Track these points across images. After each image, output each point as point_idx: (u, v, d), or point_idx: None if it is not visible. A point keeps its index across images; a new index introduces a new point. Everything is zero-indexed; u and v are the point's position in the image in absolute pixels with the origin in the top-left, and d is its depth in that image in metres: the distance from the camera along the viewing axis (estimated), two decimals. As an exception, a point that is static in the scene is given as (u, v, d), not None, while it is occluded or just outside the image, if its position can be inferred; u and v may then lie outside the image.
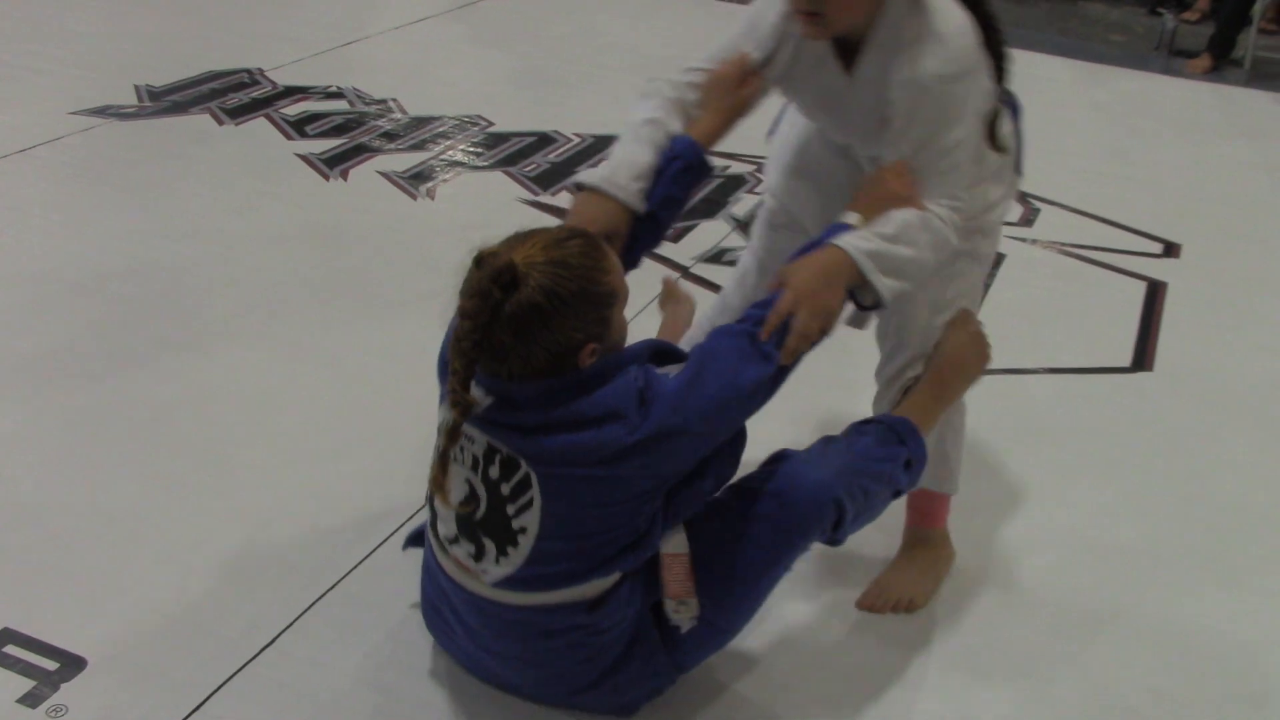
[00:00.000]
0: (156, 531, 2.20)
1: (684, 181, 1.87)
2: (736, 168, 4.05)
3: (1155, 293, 3.34)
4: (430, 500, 1.81)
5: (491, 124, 4.33)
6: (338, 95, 4.51)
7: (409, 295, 3.09)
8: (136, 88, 4.44)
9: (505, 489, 1.67)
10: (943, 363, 1.96)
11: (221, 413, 2.56)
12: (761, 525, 1.76)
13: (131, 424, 2.50)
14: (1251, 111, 5.11)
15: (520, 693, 1.85)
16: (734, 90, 1.89)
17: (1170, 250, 3.62)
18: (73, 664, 1.88)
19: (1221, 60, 5.70)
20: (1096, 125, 4.83)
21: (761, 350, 1.68)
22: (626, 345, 1.74)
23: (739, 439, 1.78)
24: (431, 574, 1.86)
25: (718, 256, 3.42)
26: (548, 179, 3.88)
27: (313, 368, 2.74)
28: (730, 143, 1.83)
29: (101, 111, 4.18)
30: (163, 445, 2.44)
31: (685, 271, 3.30)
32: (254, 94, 4.47)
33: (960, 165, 1.79)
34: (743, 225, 3.60)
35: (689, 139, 1.87)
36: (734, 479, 1.80)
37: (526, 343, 1.62)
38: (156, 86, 4.47)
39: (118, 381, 2.64)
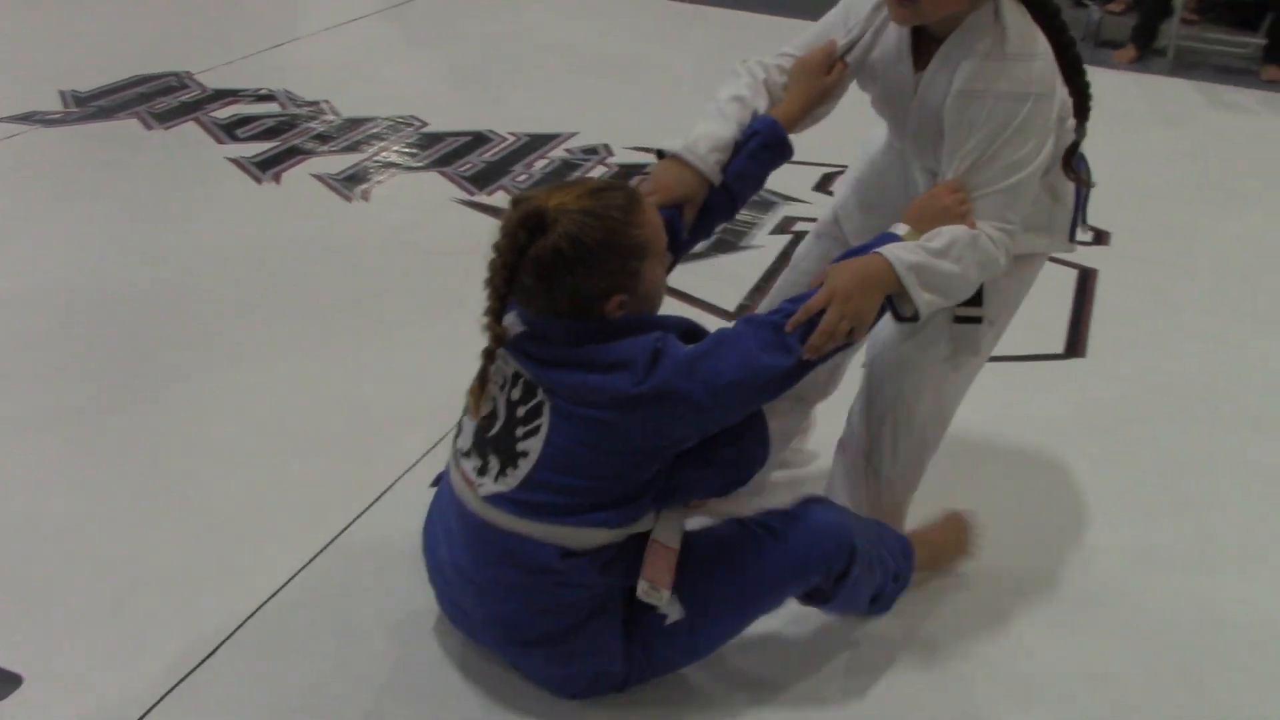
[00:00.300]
0: (93, 544, 2.16)
1: (762, 159, 1.94)
2: (672, 164, 4.05)
3: (1086, 280, 3.39)
4: (464, 414, 1.87)
5: (426, 124, 4.30)
6: (269, 98, 4.46)
7: (345, 298, 3.07)
8: (61, 93, 4.37)
9: (520, 412, 1.75)
10: (927, 546, 2.11)
11: (156, 423, 2.53)
12: (774, 546, 1.82)
13: (66, 436, 2.46)
14: (1175, 100, 5.20)
15: (474, 636, 1.89)
16: (818, 75, 1.96)
17: (1100, 238, 3.68)
18: (8, 681, 1.84)
19: (1145, 50, 5.79)
20: (1026, 116, 4.88)
21: (784, 341, 1.72)
22: (662, 313, 1.79)
23: (757, 446, 1.80)
24: (442, 490, 1.92)
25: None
26: (483, 178, 3.86)
27: (247, 374, 2.71)
28: (669, 138, 1.83)
29: (26, 118, 4.11)
30: (98, 456, 2.41)
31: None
32: (183, 98, 4.41)
33: (1017, 189, 1.78)
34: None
35: (770, 118, 1.94)
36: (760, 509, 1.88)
37: (549, 286, 1.68)
38: (82, 92, 4.39)
39: (48, 393, 2.60)
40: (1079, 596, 2.16)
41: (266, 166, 3.84)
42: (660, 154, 1.95)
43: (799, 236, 3.49)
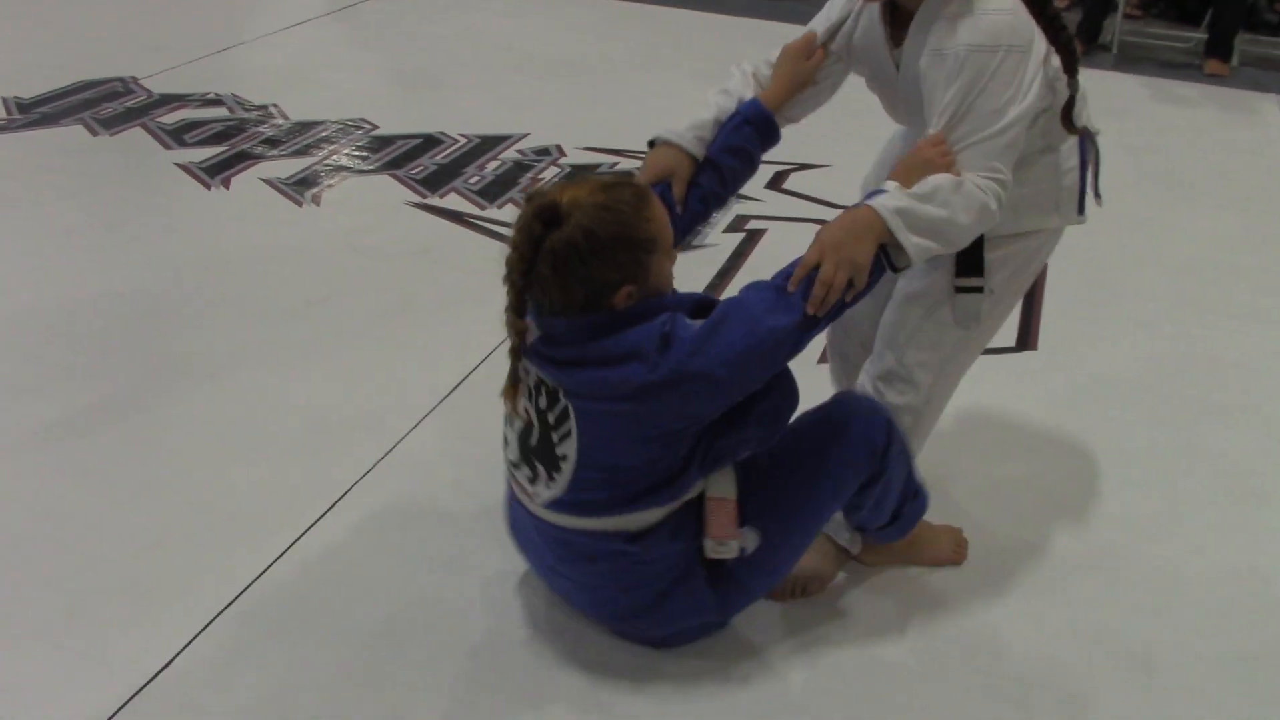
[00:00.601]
0: (46, 556, 2.13)
1: (744, 132, 2.03)
2: (625, 164, 4.06)
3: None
4: (506, 425, 1.94)
5: (376, 127, 4.28)
6: (216, 102, 4.42)
7: (297, 303, 3.04)
8: (4, 100, 4.30)
9: (550, 418, 1.82)
10: (921, 535, 2.17)
11: (106, 433, 2.50)
12: (820, 443, 1.91)
13: (12, 449, 2.43)
14: (1119, 94, 5.26)
15: (586, 612, 2.00)
16: (799, 59, 2.07)
17: (1048, 231, 3.71)
18: (-41, 698, 1.82)
19: (1090, 45, 5.86)
20: (974, 112, 4.92)
21: (787, 301, 1.75)
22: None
23: (786, 398, 1.85)
24: (510, 498, 2.01)
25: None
26: (435, 181, 3.85)
27: (199, 381, 2.69)
28: (620, 140, 1.84)
29: (-33, 125, 4.05)
30: (48, 467, 2.37)
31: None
32: (128, 103, 4.36)
33: (998, 137, 1.80)
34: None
35: (753, 99, 2.06)
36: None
37: (564, 278, 1.74)
38: (25, 98, 4.33)
39: (-4, 404, 2.56)
40: (1035, 598, 2.19)
41: (215, 171, 3.81)
42: (651, 143, 2.07)
43: (753, 235, 3.51)
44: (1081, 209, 2.04)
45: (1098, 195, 2.10)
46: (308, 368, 2.77)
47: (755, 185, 3.87)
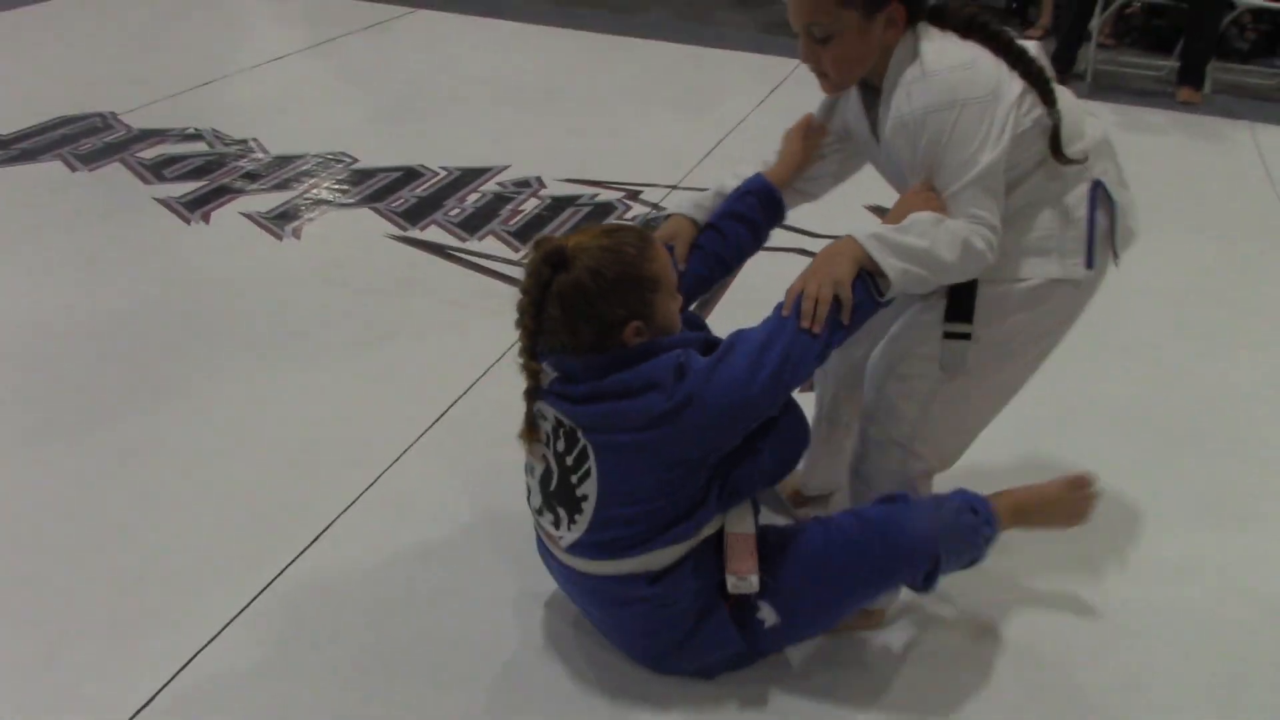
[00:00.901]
0: (21, 596, 2.11)
1: (746, 201, 2.12)
2: (605, 195, 4.07)
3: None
4: (527, 473, 2.00)
5: (356, 160, 4.29)
6: (196, 137, 4.42)
7: (279, 336, 3.04)
8: (-18, 136, 4.30)
9: (569, 460, 1.86)
10: (1039, 493, 2.10)
11: (85, 467, 2.48)
12: (860, 559, 1.90)
13: (-10, 485, 2.41)
14: (1095, 122, 5.31)
15: (621, 649, 2.02)
16: (798, 139, 2.18)
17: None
18: (-63, 739, 1.80)
19: (1065, 74, 5.92)
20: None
21: (783, 323, 1.82)
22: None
23: (796, 431, 1.89)
24: (540, 546, 2.04)
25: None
26: (416, 213, 3.85)
27: (179, 414, 2.68)
28: (599, 171, 1.86)
29: (-55, 162, 4.03)
30: (23, 502, 2.36)
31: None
32: (108, 139, 4.36)
33: (974, 185, 1.84)
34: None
35: (757, 174, 2.15)
36: (848, 508, 2.01)
37: (573, 318, 1.82)
38: (4, 134, 4.32)
39: (-26, 441, 2.55)
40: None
41: (195, 206, 3.80)
42: (667, 216, 2.17)
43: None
44: (1090, 263, 1.98)
45: (1115, 255, 2.05)
46: (290, 401, 2.76)
47: (735, 215, 3.89)
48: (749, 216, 2.12)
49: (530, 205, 3.97)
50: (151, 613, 2.08)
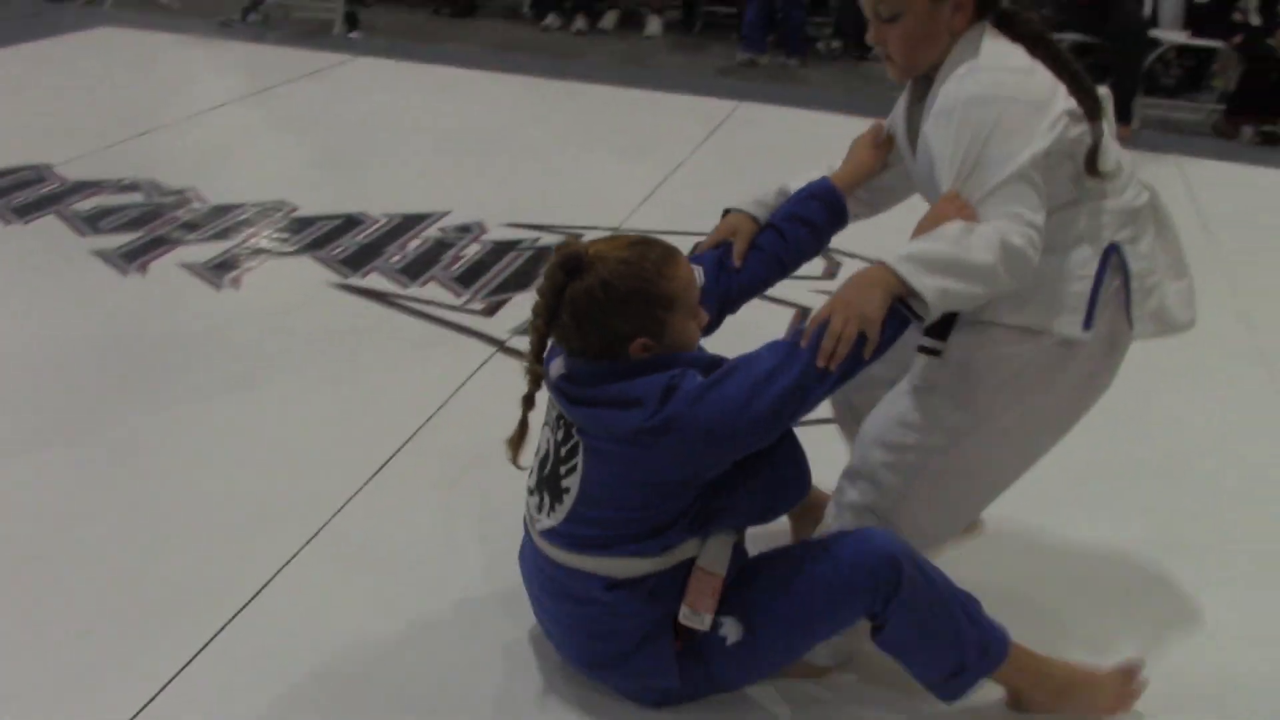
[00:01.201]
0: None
1: (810, 206, 2.09)
2: (547, 239, 4.08)
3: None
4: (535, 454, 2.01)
5: (296, 208, 4.27)
6: (132, 188, 4.38)
7: (218, 386, 3.00)
8: (-88, 191, 4.23)
9: (563, 450, 1.89)
10: (1072, 680, 1.98)
11: (20, 525, 2.43)
12: (820, 561, 1.87)
13: (-77, 546, 2.36)
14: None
15: (560, 653, 2.04)
16: (866, 147, 2.16)
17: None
18: None
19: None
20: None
21: (796, 355, 1.76)
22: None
23: (793, 472, 1.88)
24: (524, 523, 2.06)
25: (534, 328, 3.42)
26: (357, 260, 3.84)
27: (120, 465, 2.63)
28: (540, 214, 1.87)
29: (-126, 217, 3.97)
30: (-41, 566, 2.31)
31: (502, 345, 3.30)
32: (42, 191, 4.31)
33: (1016, 182, 1.76)
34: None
35: (823, 177, 2.13)
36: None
37: (582, 326, 1.82)
38: (-66, 188, 4.26)
39: (-95, 502, 2.49)
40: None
41: (132, 258, 3.76)
42: (727, 211, 2.15)
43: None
44: (1088, 324, 1.88)
45: (1130, 320, 1.93)
46: (232, 451, 2.73)
47: (677, 257, 3.91)
48: (812, 220, 2.08)
49: (472, 250, 3.97)
50: (87, 675, 2.03)
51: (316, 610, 2.22)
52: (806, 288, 3.51)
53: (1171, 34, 6.81)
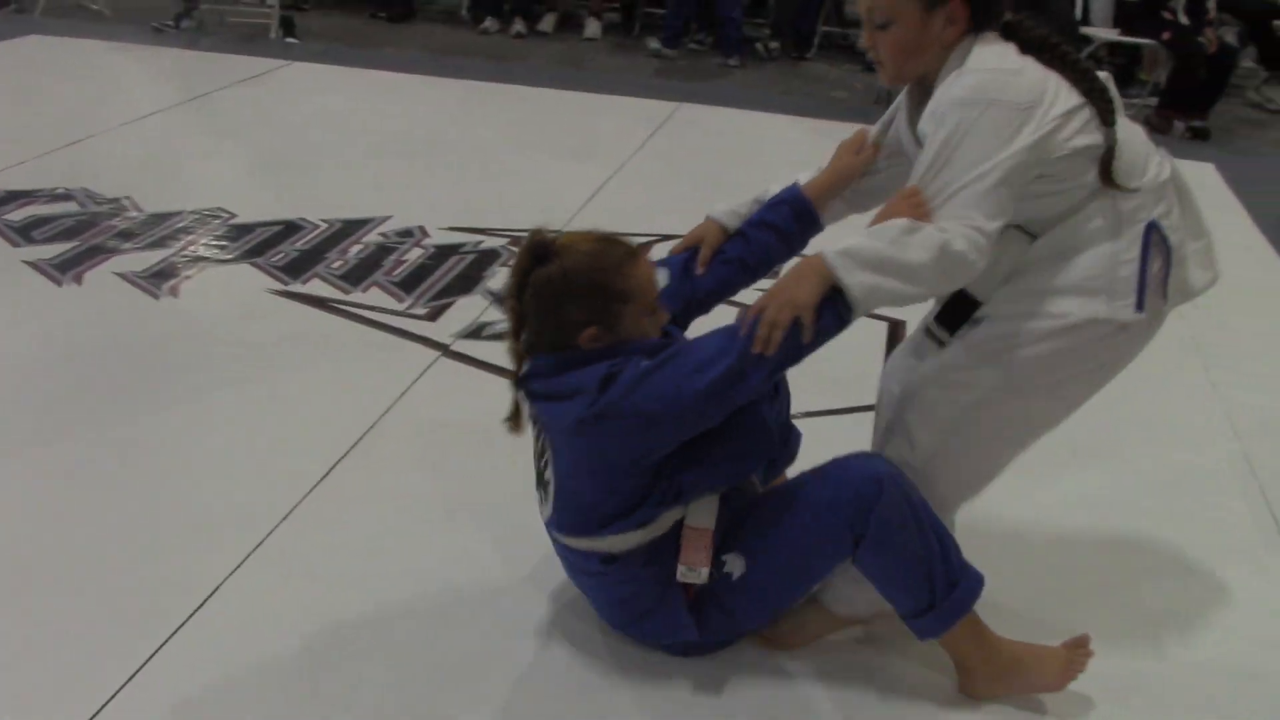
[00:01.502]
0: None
1: (780, 211, 2.14)
2: (489, 242, 4.07)
3: (895, 331, 3.52)
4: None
5: (234, 215, 4.22)
6: (66, 197, 4.31)
7: (157, 396, 2.96)
8: None
9: (541, 444, 2.04)
10: (1020, 656, 2.04)
11: (-42, 542, 2.39)
12: (808, 487, 1.99)
13: None
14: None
15: (598, 613, 2.16)
16: (849, 153, 2.18)
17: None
18: None
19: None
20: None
21: (734, 343, 1.82)
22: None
23: (753, 441, 1.95)
24: None
25: (477, 332, 3.42)
26: (297, 267, 3.80)
27: (54, 482, 2.59)
28: (483, 218, 1.88)
29: None
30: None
31: (446, 349, 3.29)
32: (-28, 202, 4.23)
33: (975, 184, 1.79)
34: (501, 299, 3.62)
35: (794, 184, 2.17)
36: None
37: (540, 310, 1.92)
38: None
39: None
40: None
41: (66, 268, 3.70)
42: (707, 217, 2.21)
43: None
44: (1140, 305, 1.91)
45: (1165, 295, 1.97)
46: (173, 462, 2.70)
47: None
48: (778, 225, 2.14)
49: (414, 255, 3.95)
50: (35, 690, 2.00)
51: (261, 620, 2.19)
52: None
53: (1102, 31, 6.93)
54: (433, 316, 3.50)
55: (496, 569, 2.36)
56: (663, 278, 2.09)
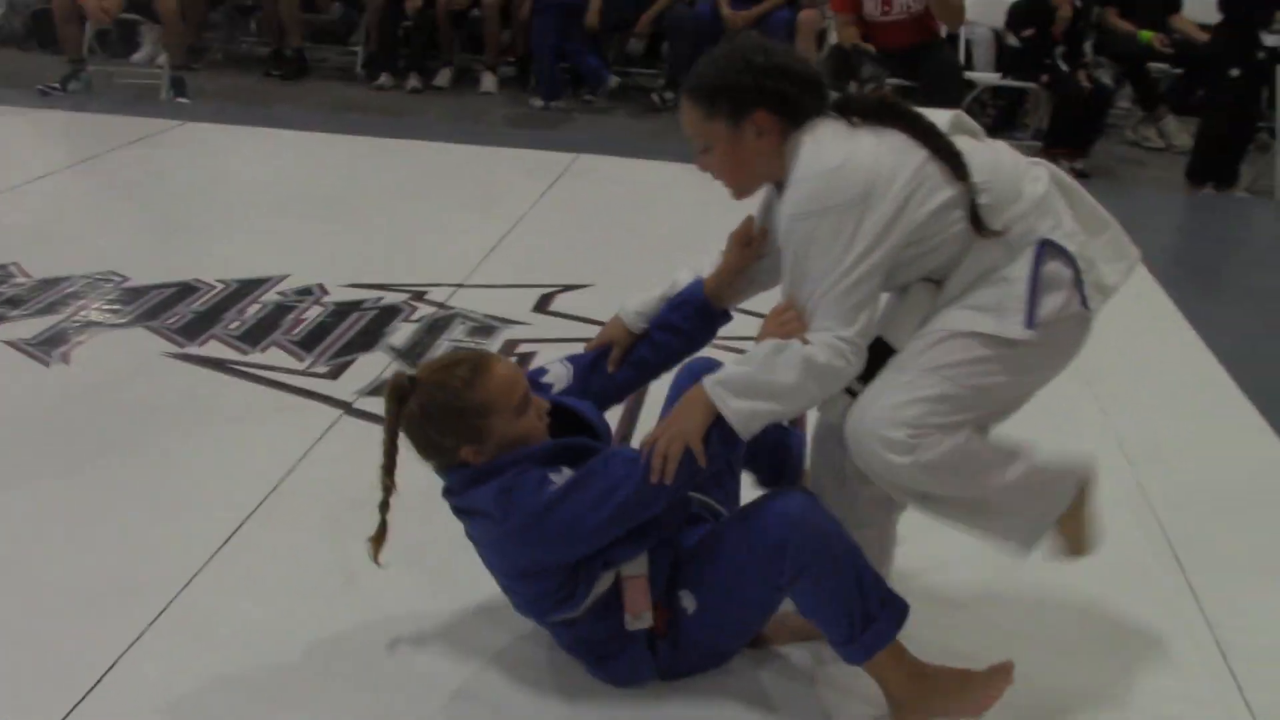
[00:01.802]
0: None
1: (682, 312, 2.22)
2: (390, 298, 4.05)
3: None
4: None
5: (127, 279, 4.14)
6: (-51, 265, 4.20)
7: (51, 465, 2.89)
8: None
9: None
10: (942, 684, 2.06)
11: None
12: (739, 528, 2.05)
13: None
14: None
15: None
16: (739, 244, 2.21)
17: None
18: None
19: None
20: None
21: (634, 471, 1.92)
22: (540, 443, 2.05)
23: (663, 515, 2.00)
24: None
25: (380, 389, 3.38)
26: (193, 329, 3.74)
27: (-54, 561, 2.51)
28: (384, 273, 1.89)
29: None
30: None
31: (348, 408, 3.25)
32: None
33: (832, 291, 1.86)
34: (403, 354, 3.60)
35: (696, 280, 2.23)
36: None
37: (416, 445, 2.05)
38: None
39: None
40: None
41: (-48, 337, 3.60)
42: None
43: (523, 359, 3.55)
44: (1030, 323, 1.94)
45: (1084, 303, 1.99)
46: (68, 533, 2.62)
47: (522, 309, 3.93)
48: (682, 327, 2.23)
49: (313, 313, 3.91)
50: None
51: (165, 690, 2.14)
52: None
53: (984, 76, 7.14)
54: (334, 375, 3.46)
55: (406, 629, 2.33)
56: (564, 373, 2.23)
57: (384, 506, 2.07)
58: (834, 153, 1.90)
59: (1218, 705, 2.25)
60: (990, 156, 1.98)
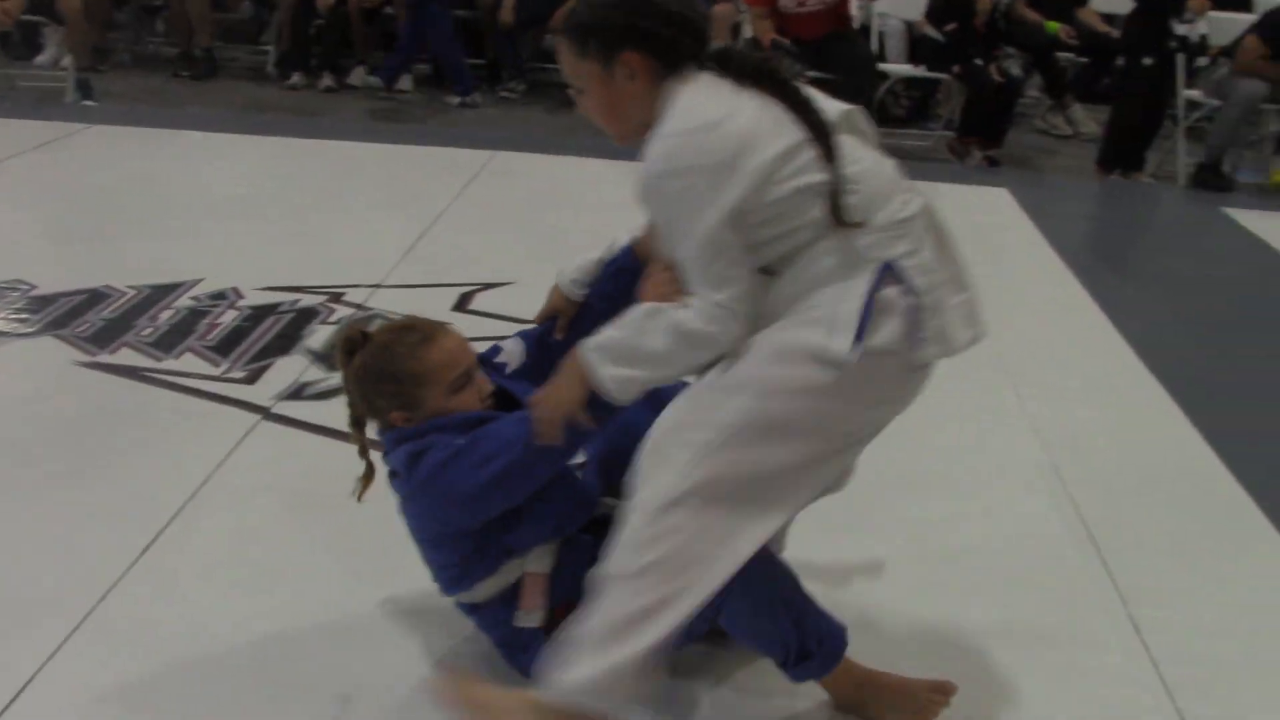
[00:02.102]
0: None
1: (620, 280, 2.11)
2: (306, 300, 4.00)
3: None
4: None
5: (34, 287, 4.04)
6: None
7: (-41, 483, 2.81)
8: None
9: None
10: (887, 694, 2.08)
11: None
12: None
13: None
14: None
15: None
16: None
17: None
18: None
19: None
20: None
21: (520, 435, 1.92)
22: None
23: (571, 505, 2.05)
24: None
25: (298, 392, 3.34)
26: (104, 337, 3.66)
27: None
28: (300, 275, 1.89)
29: None
30: None
31: (266, 412, 3.21)
32: None
33: (697, 258, 1.76)
34: (320, 357, 3.55)
35: (628, 245, 2.16)
36: None
37: (356, 401, 2.11)
38: None
39: None
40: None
41: None
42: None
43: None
44: (858, 342, 1.76)
45: (921, 336, 1.81)
46: (-24, 551, 2.56)
47: (442, 308, 3.90)
48: (619, 295, 2.04)
49: (229, 317, 3.84)
50: None
51: (84, 704, 2.10)
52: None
53: (897, 67, 7.23)
54: (251, 379, 3.41)
55: (324, 635, 2.31)
56: (517, 350, 2.22)
57: (363, 452, 2.15)
58: (711, 109, 1.77)
59: (1132, 680, 2.31)
60: (870, 163, 1.86)
